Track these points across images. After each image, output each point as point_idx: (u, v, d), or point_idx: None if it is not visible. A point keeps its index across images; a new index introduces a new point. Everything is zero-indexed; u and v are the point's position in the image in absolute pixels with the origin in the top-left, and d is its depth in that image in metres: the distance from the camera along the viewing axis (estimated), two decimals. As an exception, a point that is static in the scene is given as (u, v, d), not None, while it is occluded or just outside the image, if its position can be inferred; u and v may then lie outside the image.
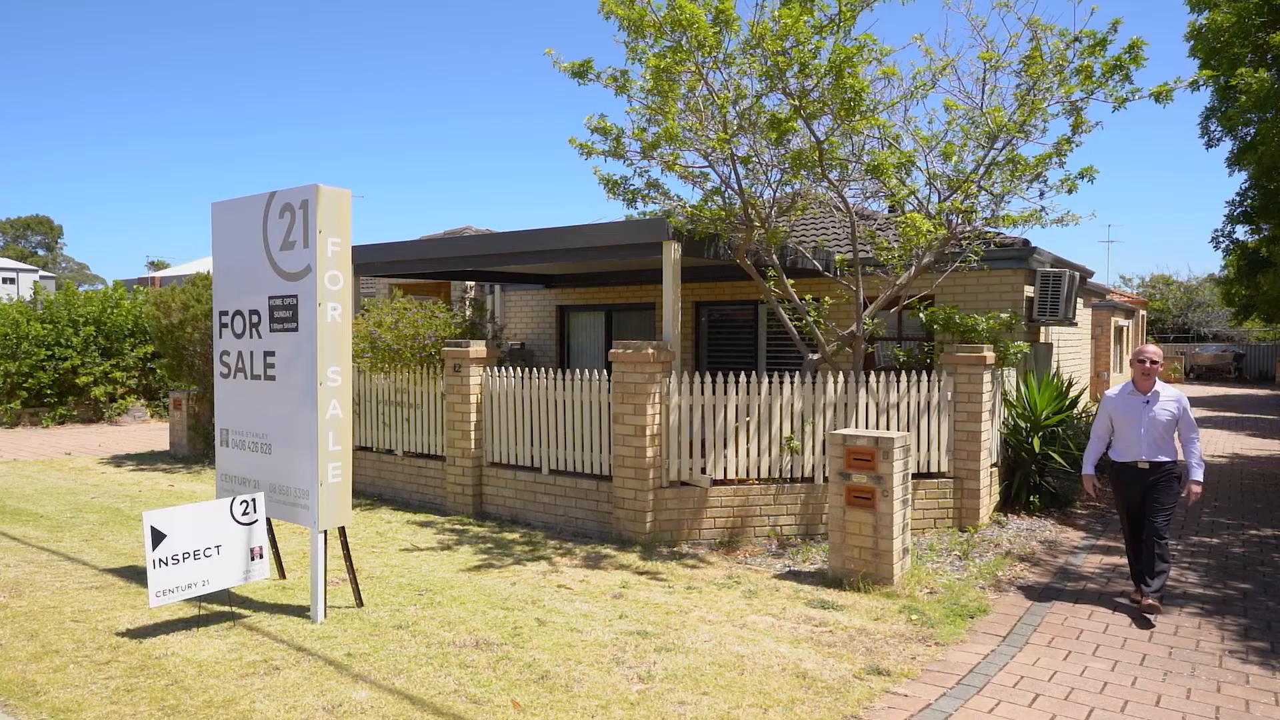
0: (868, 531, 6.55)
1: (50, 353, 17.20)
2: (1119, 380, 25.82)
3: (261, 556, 5.32)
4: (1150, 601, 5.78)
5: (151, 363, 17.96)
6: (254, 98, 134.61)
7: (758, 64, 6.98)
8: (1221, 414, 21.06)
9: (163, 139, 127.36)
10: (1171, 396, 5.91)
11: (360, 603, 5.58)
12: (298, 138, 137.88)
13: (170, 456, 13.04)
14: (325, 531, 5.29)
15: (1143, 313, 33.78)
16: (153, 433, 16.26)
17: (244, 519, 5.18)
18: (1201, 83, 7.29)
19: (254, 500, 5.26)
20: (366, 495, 10.14)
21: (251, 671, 4.49)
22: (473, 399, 9.09)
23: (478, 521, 8.75)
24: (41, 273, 52.89)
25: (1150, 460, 5.93)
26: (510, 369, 8.95)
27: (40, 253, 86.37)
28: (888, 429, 8.16)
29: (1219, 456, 13.51)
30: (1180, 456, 6.02)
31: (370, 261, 11.02)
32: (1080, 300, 13.89)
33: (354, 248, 11.28)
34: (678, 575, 6.77)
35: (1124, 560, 7.31)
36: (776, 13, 6.68)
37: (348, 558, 5.56)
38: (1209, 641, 5.44)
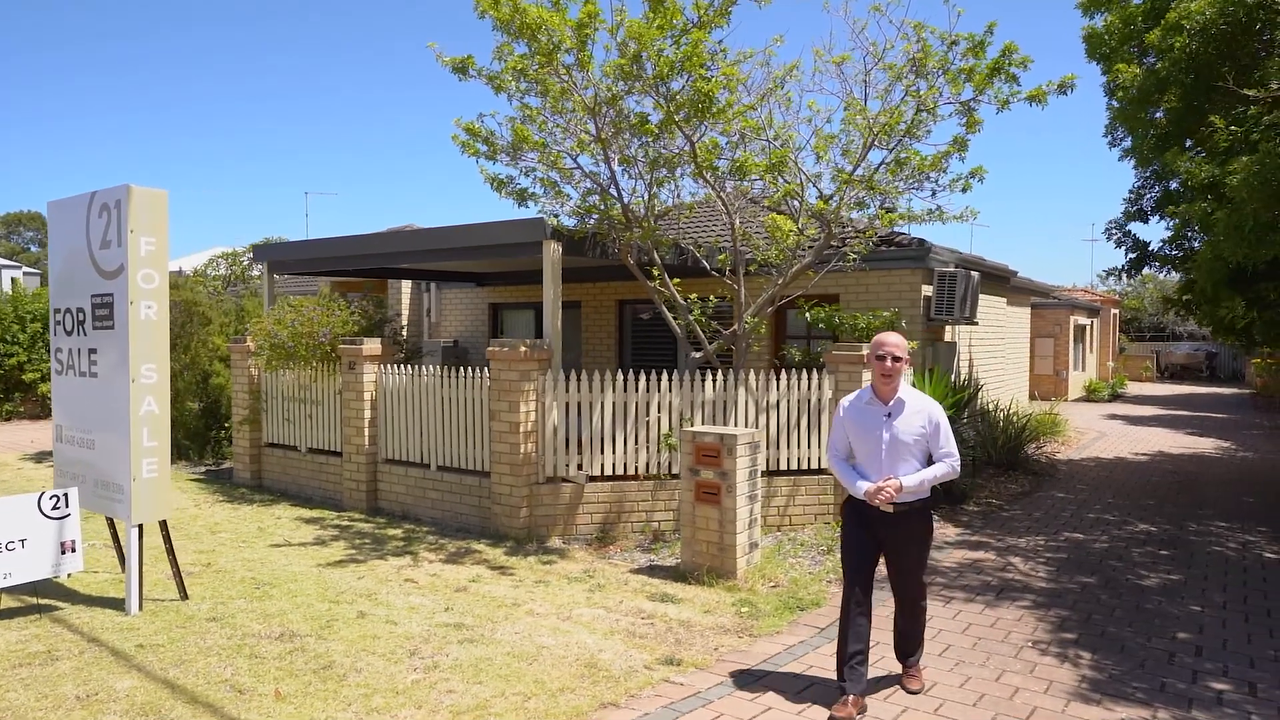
0: (714, 526, 6.63)
1: (-5, 350, 17.28)
2: (1077, 379, 25.79)
3: (75, 550, 5.40)
4: (914, 678, 4.69)
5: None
6: (252, 97, 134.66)
7: (615, 69, 7.06)
8: (1174, 412, 21.12)
9: (160, 138, 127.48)
10: (920, 408, 4.37)
11: (185, 595, 5.67)
12: (298, 137, 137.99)
13: (97, 453, 13.11)
14: (141, 525, 5.38)
15: (1115, 311, 33.77)
16: (95, 430, 16.33)
17: (54, 513, 5.27)
18: (1073, 85, 7.44)
19: (66, 495, 5.34)
20: (272, 491, 10.23)
21: (27, 662, 4.57)
22: (367, 396, 9.18)
23: (369, 517, 8.83)
24: (25, 269, 52.78)
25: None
26: (401, 366, 9.04)
27: (33, 249, 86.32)
28: (768, 427, 8.25)
29: (1141, 454, 13.59)
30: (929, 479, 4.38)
31: (282, 259, 11.12)
32: (1004, 299, 13.96)
33: (264, 246, 11.39)
34: (534, 570, 6.85)
35: (982, 555, 7.39)
36: (631, 22, 6.77)
37: (170, 551, 5.65)
38: (1020, 633, 5.52)
